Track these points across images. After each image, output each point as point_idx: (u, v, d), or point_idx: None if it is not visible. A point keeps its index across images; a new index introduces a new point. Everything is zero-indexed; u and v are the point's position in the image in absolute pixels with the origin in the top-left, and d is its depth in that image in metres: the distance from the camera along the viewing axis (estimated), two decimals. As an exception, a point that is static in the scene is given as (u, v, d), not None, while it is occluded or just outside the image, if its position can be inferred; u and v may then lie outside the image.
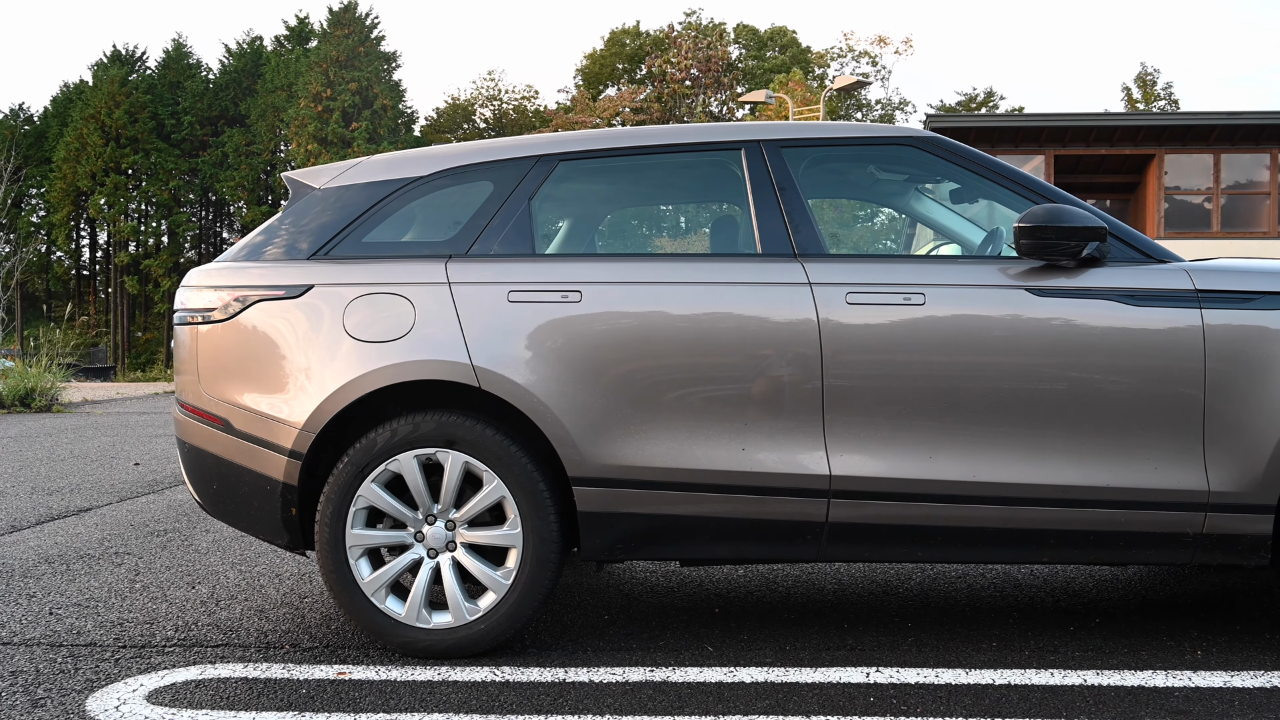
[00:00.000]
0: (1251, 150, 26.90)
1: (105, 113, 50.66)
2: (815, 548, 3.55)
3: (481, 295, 3.59)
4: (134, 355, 52.23)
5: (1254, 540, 3.43)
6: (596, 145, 3.90)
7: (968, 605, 4.24)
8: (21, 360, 19.14)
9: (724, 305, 3.55)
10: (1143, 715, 3.01)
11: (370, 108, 48.87)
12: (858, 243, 13.98)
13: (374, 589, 3.54)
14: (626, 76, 60.26)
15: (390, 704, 3.16)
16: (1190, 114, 27.54)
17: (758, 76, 55.44)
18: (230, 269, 3.82)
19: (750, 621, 4.01)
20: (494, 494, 3.50)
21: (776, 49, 60.17)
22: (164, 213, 53.48)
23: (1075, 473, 3.43)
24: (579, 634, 3.88)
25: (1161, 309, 3.45)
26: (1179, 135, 27.10)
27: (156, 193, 52.12)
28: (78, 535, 5.88)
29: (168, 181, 52.01)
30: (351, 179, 3.89)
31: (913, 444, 3.47)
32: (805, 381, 3.48)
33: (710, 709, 3.09)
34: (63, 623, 4.07)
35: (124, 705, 3.15)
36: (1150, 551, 3.50)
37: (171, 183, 52.23)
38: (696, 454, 3.49)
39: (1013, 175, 3.74)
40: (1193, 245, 25.72)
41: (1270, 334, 3.42)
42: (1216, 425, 3.41)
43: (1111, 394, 3.45)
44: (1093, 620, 4.00)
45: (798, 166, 3.79)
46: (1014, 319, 3.48)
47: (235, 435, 3.67)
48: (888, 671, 3.40)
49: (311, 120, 47.77)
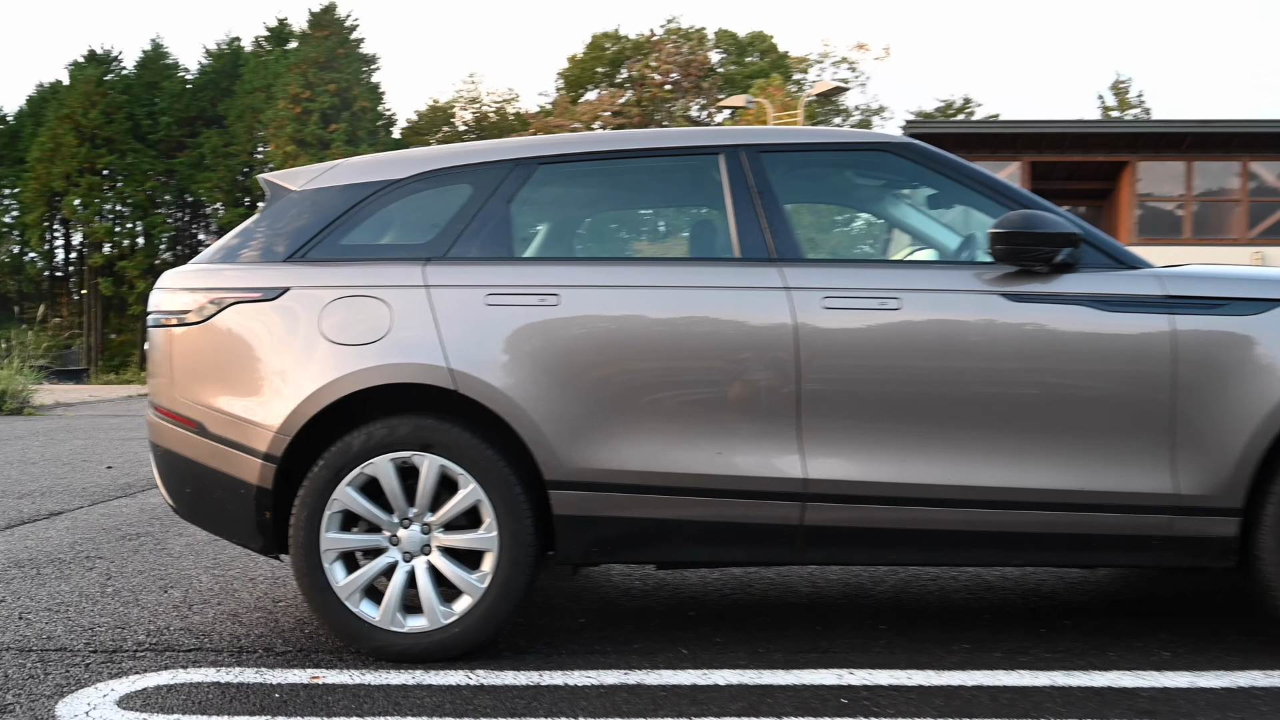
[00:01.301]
0: (1223, 158, 27.20)
1: (81, 113, 50.18)
2: (790, 550, 3.56)
3: (459, 298, 3.58)
4: (108, 358, 51.74)
5: (1221, 543, 3.45)
6: (575, 149, 3.91)
7: (940, 607, 4.26)
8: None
9: (701, 309, 3.56)
10: (1110, 715, 3.03)
11: (349, 110, 48.66)
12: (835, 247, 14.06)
13: (348, 593, 3.51)
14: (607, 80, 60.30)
15: (364, 708, 3.13)
16: (1163, 122, 27.87)
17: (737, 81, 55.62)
18: (206, 271, 3.79)
19: (725, 624, 4.01)
20: (470, 498, 3.49)
21: (756, 54, 60.40)
22: (140, 214, 53.04)
23: (1047, 476, 3.45)
24: (554, 637, 3.86)
25: (1133, 314, 3.47)
26: (1152, 143, 27.37)
27: (132, 194, 51.69)
28: (48, 539, 5.81)
29: (144, 182, 51.59)
30: (329, 181, 3.87)
31: (888, 448, 3.48)
32: (781, 385, 3.48)
33: (684, 711, 3.09)
34: (32, 627, 4.01)
35: (94, 710, 3.12)
36: (1119, 554, 3.55)
37: (148, 184, 51.80)
38: (673, 457, 3.48)
39: (988, 181, 3.75)
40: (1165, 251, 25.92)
41: (1239, 340, 3.44)
42: (1185, 429, 3.43)
43: (1083, 398, 3.48)
44: (1062, 622, 4.02)
45: (776, 171, 3.79)
46: (988, 324, 3.50)
47: (209, 439, 3.63)
48: (860, 673, 3.41)
49: (290, 122, 47.52)
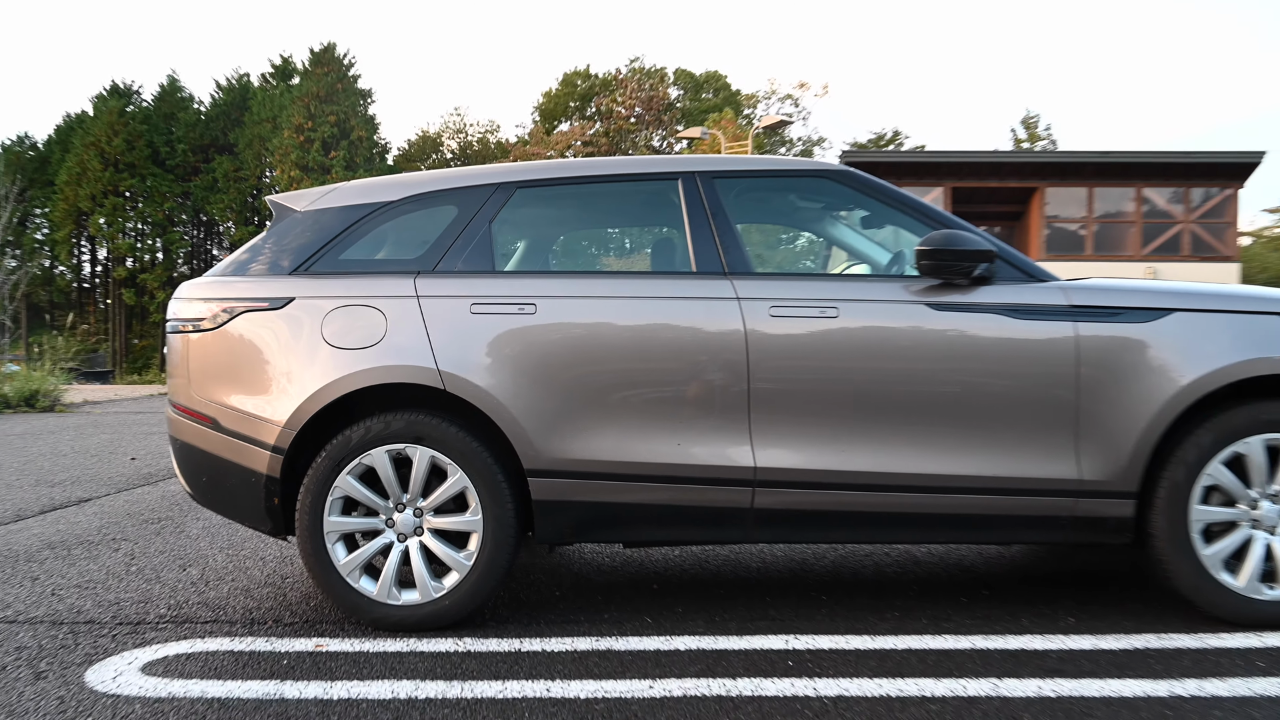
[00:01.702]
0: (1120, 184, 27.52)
1: (105, 140, 49.62)
2: (742, 531, 3.57)
3: (446, 307, 3.58)
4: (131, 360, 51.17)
5: (1119, 522, 3.50)
6: (550, 174, 3.90)
7: (874, 580, 4.28)
8: (26, 365, 18.73)
9: (663, 317, 3.56)
10: (1023, 674, 3.07)
11: (347, 138, 48.30)
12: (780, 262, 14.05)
13: (349, 570, 3.51)
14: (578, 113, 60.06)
15: (363, 672, 3.14)
16: (1067, 153, 28.09)
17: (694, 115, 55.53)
18: (219, 283, 3.77)
19: (685, 596, 4.02)
20: (457, 485, 3.49)
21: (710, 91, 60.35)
22: (159, 231, 52.46)
23: (967, 464, 3.48)
24: (533, 608, 3.87)
25: (1041, 321, 3.51)
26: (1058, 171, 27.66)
27: (152, 213, 51.12)
28: (78, 523, 5.77)
29: (162, 203, 51.04)
30: (330, 203, 3.86)
31: (827, 439, 3.50)
32: (733, 385, 3.51)
33: (649, 673, 3.10)
34: (64, 602, 3.99)
35: (120, 677, 3.11)
36: (1031, 532, 3.56)
37: (166, 204, 51.25)
38: (638, 448, 3.50)
39: (915, 204, 3.79)
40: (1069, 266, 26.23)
41: (1134, 344, 3.49)
42: (1087, 423, 3.48)
43: (998, 395, 3.50)
44: (981, 592, 4.06)
45: (728, 195, 3.81)
46: (915, 330, 3.53)
47: (223, 433, 3.63)
48: (804, 638, 3.43)
49: (294, 149, 47.13)
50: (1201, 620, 3.60)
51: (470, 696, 2.94)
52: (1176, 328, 3.50)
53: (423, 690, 2.99)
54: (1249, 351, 3.46)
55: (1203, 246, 27.60)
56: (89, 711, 2.84)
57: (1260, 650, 3.28)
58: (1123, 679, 3.04)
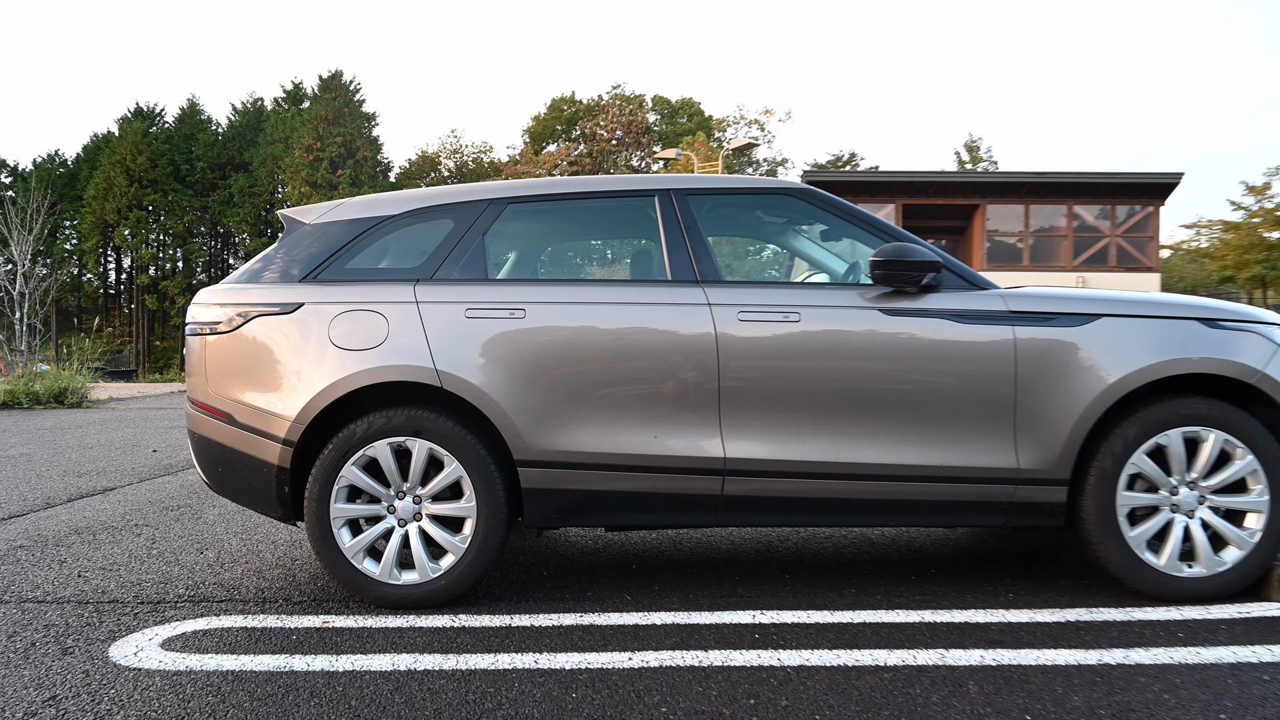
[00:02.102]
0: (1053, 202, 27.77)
1: (130, 159, 49.21)
2: (713, 516, 3.57)
3: (443, 312, 3.56)
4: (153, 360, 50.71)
5: (1053, 507, 3.53)
6: (538, 191, 3.89)
7: (833, 560, 4.29)
8: (56, 364, 18.52)
9: (641, 321, 3.56)
10: (967, 645, 3.08)
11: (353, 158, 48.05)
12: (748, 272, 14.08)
13: (353, 553, 3.49)
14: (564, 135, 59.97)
15: (367, 646, 3.12)
16: (1006, 173, 28.28)
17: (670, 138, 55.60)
18: (234, 289, 3.73)
19: (661, 575, 4.02)
20: (453, 474, 3.47)
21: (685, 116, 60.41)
22: (179, 242, 52.05)
23: (916, 454, 3.49)
24: (522, 587, 3.86)
25: (983, 325, 3.53)
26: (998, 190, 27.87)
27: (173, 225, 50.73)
28: (103, 510, 5.70)
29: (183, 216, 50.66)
30: (336, 216, 3.83)
31: (790, 432, 3.50)
32: (705, 383, 3.51)
33: (629, 646, 3.10)
34: (89, 583, 3.94)
35: (141, 652, 3.07)
36: (974, 516, 3.58)
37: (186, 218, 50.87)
38: (618, 441, 3.49)
39: (869, 219, 3.80)
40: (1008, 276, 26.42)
41: (1066, 346, 3.51)
42: (1024, 417, 3.49)
43: (944, 392, 3.51)
44: (929, 571, 4.07)
45: (700, 210, 3.81)
46: (870, 333, 3.53)
47: (238, 427, 3.59)
48: (770, 614, 3.43)
49: (304, 167, 46.86)
50: (1128, 595, 3.63)
51: (465, 668, 2.92)
52: (1104, 331, 3.52)
53: (421, 662, 2.97)
54: (1168, 353, 3.48)
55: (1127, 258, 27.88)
56: (112, 684, 2.80)
57: (1180, 622, 3.31)
58: (1057, 649, 3.06)
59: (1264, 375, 3.50)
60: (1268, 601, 3.52)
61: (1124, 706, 2.60)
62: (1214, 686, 2.74)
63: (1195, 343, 3.51)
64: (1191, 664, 2.92)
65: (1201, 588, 3.50)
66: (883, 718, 2.53)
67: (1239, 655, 2.98)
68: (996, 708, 2.60)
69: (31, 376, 16.56)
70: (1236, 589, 3.51)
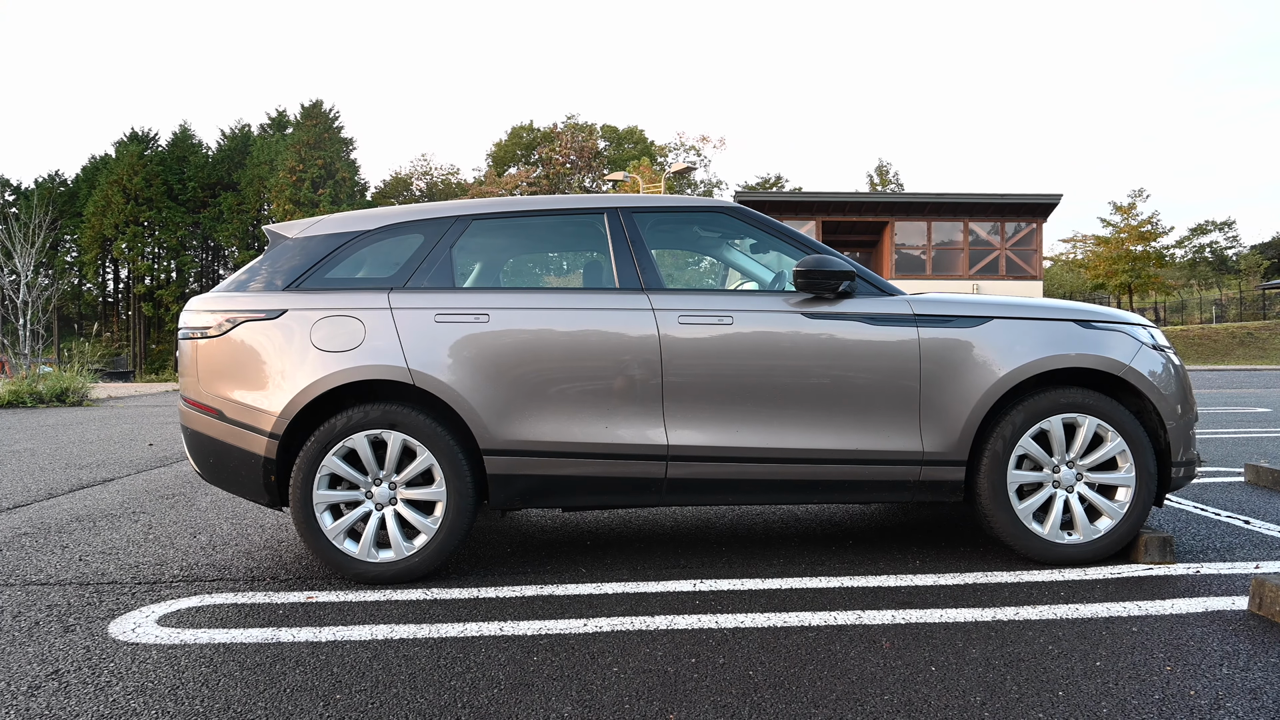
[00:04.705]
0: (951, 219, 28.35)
1: (126, 178, 47.86)
2: (658, 496, 3.57)
3: (415, 317, 3.51)
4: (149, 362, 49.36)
5: (953, 485, 3.59)
6: (500, 209, 3.85)
7: (763, 534, 4.31)
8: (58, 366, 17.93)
9: (593, 324, 3.54)
10: (880, 606, 3.12)
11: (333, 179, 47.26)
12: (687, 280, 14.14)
13: (335, 534, 3.43)
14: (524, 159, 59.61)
15: (347, 619, 3.06)
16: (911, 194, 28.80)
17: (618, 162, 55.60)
18: (223, 297, 3.65)
19: (612, 550, 4.01)
20: (425, 463, 3.43)
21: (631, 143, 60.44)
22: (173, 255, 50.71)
23: (835, 440, 3.52)
24: (488, 563, 3.82)
25: (891, 327, 3.57)
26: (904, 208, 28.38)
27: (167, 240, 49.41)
28: (102, 499, 5.53)
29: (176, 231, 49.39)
30: (317, 231, 3.76)
31: (724, 422, 3.51)
32: (650, 378, 3.51)
33: (584, 613, 3.09)
34: (89, 566, 3.82)
35: (139, 628, 2.98)
36: (886, 494, 3.62)
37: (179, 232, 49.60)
38: (573, 431, 3.47)
39: (793, 235, 3.82)
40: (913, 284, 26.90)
41: (962, 344, 3.57)
42: (927, 407, 3.55)
43: (859, 385, 3.55)
44: (847, 542, 4.11)
45: (644, 226, 3.80)
46: (794, 334, 3.56)
47: (227, 422, 3.51)
48: (709, 582, 3.44)
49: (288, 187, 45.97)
50: (1018, 561, 3.70)
51: (437, 636, 2.88)
52: (995, 332, 3.59)
53: (397, 632, 2.92)
54: (1050, 350, 3.56)
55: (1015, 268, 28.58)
56: (111, 658, 2.72)
57: (1061, 583, 3.39)
58: (958, 608, 3.11)
59: (1130, 369, 3.60)
60: (1135, 564, 3.63)
61: (1015, 657, 2.65)
62: (1090, 637, 2.81)
63: (1072, 341, 3.60)
64: (1071, 619, 2.99)
65: (1080, 553, 3.58)
66: (808, 671, 2.55)
67: (1112, 610, 3.06)
68: (906, 660, 2.63)
69: (35, 378, 16.03)
70: (1109, 553, 3.60)
